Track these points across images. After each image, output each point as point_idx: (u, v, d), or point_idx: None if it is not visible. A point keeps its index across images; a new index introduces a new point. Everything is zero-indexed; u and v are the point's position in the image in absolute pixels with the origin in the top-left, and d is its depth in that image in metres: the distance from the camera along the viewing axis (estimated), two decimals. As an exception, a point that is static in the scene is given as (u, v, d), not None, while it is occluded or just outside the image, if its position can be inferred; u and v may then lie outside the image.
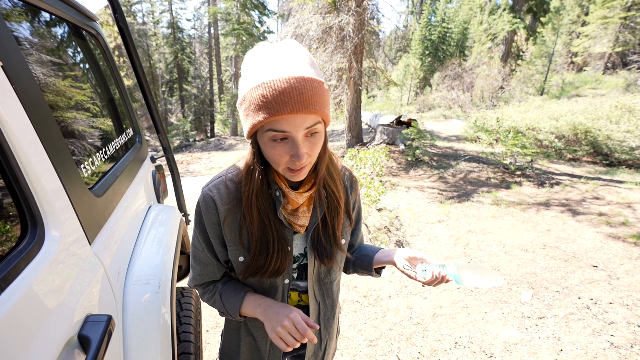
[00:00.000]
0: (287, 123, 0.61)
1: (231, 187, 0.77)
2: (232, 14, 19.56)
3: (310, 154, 0.67)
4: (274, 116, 0.59)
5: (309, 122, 0.62)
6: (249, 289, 0.84)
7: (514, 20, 17.01)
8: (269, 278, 0.79)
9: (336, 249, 0.83)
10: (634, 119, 6.71)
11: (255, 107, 0.61)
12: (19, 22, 0.75)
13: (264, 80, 0.60)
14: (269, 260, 0.75)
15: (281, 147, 0.64)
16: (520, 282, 2.85)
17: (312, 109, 0.60)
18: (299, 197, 0.75)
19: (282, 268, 0.78)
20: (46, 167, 0.64)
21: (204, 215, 0.77)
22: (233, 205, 0.76)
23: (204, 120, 24.83)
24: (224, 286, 0.85)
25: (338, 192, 0.82)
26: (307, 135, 0.65)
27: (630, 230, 3.68)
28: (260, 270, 0.76)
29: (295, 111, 0.59)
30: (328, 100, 0.67)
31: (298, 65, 0.61)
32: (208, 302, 0.86)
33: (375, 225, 3.91)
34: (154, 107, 1.70)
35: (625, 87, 14.19)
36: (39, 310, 0.54)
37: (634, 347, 2.10)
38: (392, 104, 19.34)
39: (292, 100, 0.58)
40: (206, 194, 0.77)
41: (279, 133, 0.62)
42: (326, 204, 0.80)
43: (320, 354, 0.95)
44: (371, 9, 7.58)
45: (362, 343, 2.25)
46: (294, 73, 0.59)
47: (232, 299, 0.81)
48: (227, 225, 0.77)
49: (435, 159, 7.10)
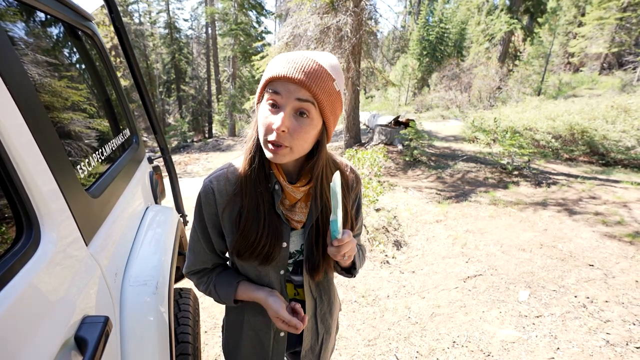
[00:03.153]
0: (282, 85, 0.65)
1: (232, 178, 0.79)
2: (230, 14, 19.51)
3: (292, 134, 0.67)
4: (275, 76, 0.65)
5: (301, 93, 0.65)
6: (241, 278, 0.86)
7: (511, 21, 17.08)
8: (260, 263, 0.79)
9: (325, 255, 0.82)
10: (630, 119, 6.75)
11: (269, 69, 0.68)
12: (13, 22, 0.74)
13: (287, 53, 0.69)
14: (258, 238, 0.76)
15: (270, 111, 0.67)
16: (517, 281, 2.86)
17: (308, 83, 0.64)
18: (295, 191, 0.77)
19: (272, 254, 0.78)
20: (42, 168, 0.63)
21: (203, 205, 0.79)
22: (232, 196, 0.78)
23: (201, 120, 24.77)
24: (217, 277, 0.87)
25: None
26: (295, 112, 0.67)
27: (625, 229, 3.71)
28: (250, 248, 0.77)
29: (290, 76, 0.64)
30: (334, 98, 0.69)
31: (320, 56, 0.68)
32: (203, 292, 0.89)
33: (373, 225, 3.92)
34: (150, 107, 1.69)
35: (621, 87, 14.29)
36: (35, 312, 0.53)
37: (629, 344, 2.11)
38: (389, 104, 19.37)
39: (295, 67, 0.64)
40: (207, 185, 0.79)
41: (274, 94, 0.66)
42: (323, 203, 0.80)
43: (317, 347, 0.95)
44: (369, 9, 7.58)
45: (360, 343, 2.25)
46: (312, 55, 0.67)
47: (226, 288, 0.84)
48: (226, 215, 0.78)
49: (433, 159, 7.12)
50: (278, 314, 0.76)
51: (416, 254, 3.43)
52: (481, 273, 3.01)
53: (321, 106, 0.68)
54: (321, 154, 0.75)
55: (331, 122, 0.72)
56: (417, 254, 3.43)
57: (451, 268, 3.12)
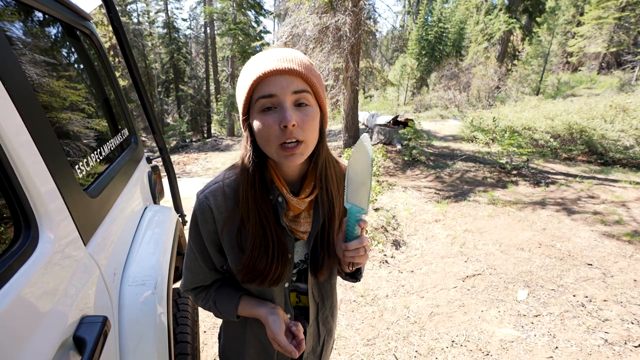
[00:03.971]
0: (272, 84, 0.62)
1: (228, 192, 0.73)
2: (228, 13, 19.49)
3: (302, 126, 0.64)
4: (259, 77, 0.61)
5: (295, 85, 0.63)
6: (242, 293, 0.83)
7: (509, 20, 17.09)
8: (268, 286, 0.76)
9: (331, 259, 0.80)
10: (628, 118, 6.77)
11: (246, 76, 0.64)
12: (11, 21, 0.74)
13: (256, 57, 0.66)
14: (268, 265, 0.73)
15: (270, 117, 0.63)
16: (516, 280, 2.87)
17: (295, 68, 0.62)
18: (300, 202, 0.73)
19: (281, 275, 0.75)
20: (40, 168, 0.63)
21: (200, 223, 0.74)
22: (231, 213, 0.73)
23: (200, 120, 24.73)
24: (216, 293, 0.84)
25: (334, 197, 0.79)
26: (295, 104, 0.64)
27: (624, 228, 3.72)
28: (260, 276, 0.74)
29: (279, 68, 0.61)
30: (322, 82, 0.68)
31: (290, 49, 0.67)
32: (202, 307, 0.86)
33: (372, 224, 3.92)
34: (149, 107, 1.69)
35: (619, 87, 14.33)
36: (33, 312, 0.53)
37: (627, 343, 2.12)
38: (388, 104, 19.38)
39: (275, 59, 0.62)
40: (202, 201, 0.73)
41: (267, 98, 0.62)
42: (327, 207, 0.77)
43: (318, 348, 0.95)
44: (367, 9, 7.58)
45: (359, 342, 2.25)
46: (284, 49, 0.66)
47: (226, 305, 0.81)
48: (226, 232, 0.74)
49: (431, 159, 7.12)
50: (275, 337, 0.73)
51: (415, 254, 3.43)
52: (480, 272, 3.01)
53: (316, 91, 0.67)
54: (323, 142, 0.73)
55: (326, 107, 0.71)
56: (416, 254, 3.43)
57: (450, 267, 3.13)
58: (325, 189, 0.76)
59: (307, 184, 0.75)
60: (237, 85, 0.68)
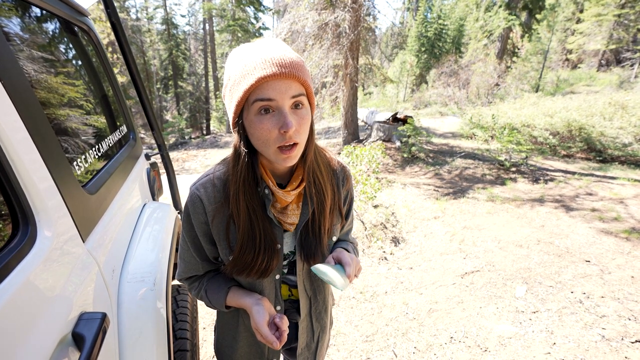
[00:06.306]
0: (272, 89, 0.61)
1: (218, 184, 0.76)
2: (227, 9, 19.40)
3: (299, 129, 0.66)
4: (258, 81, 0.60)
5: (293, 89, 0.63)
6: (232, 284, 0.85)
7: (509, 17, 17.03)
8: (257, 278, 0.78)
9: (321, 249, 0.82)
10: (627, 116, 6.77)
11: (241, 77, 0.62)
12: (8, 17, 0.74)
13: (248, 56, 0.63)
14: (255, 257, 0.75)
15: (268, 120, 0.63)
16: (514, 277, 2.88)
17: (294, 73, 0.62)
18: (286, 195, 0.75)
19: (270, 267, 0.77)
20: (38, 165, 0.63)
21: (192, 214, 0.76)
22: (220, 204, 0.75)
23: (199, 117, 24.65)
24: (208, 282, 0.86)
25: (325, 188, 0.80)
26: (292, 107, 0.65)
27: (622, 225, 3.73)
28: (247, 267, 0.76)
29: (278, 74, 0.60)
30: (309, 75, 0.68)
31: (280, 45, 0.66)
32: (195, 297, 0.88)
33: (371, 221, 3.93)
34: (148, 104, 1.69)
35: (618, 84, 14.33)
36: (32, 309, 0.53)
37: (624, 339, 2.13)
38: (388, 101, 19.34)
39: (275, 64, 0.61)
40: (193, 193, 0.76)
41: (265, 102, 0.62)
42: (316, 200, 0.79)
43: (312, 345, 0.96)
44: (367, 5, 7.55)
45: (359, 338, 2.26)
46: (276, 47, 0.64)
47: (216, 295, 0.83)
48: (215, 223, 0.76)
49: (430, 156, 7.13)
50: (258, 327, 0.73)
51: (414, 250, 3.44)
52: (478, 269, 3.02)
53: (309, 92, 0.68)
54: (312, 137, 0.74)
55: (314, 100, 0.72)
56: (415, 250, 3.44)
57: (449, 264, 3.14)
58: (313, 182, 0.78)
59: (294, 178, 0.76)
60: (229, 80, 0.66)
